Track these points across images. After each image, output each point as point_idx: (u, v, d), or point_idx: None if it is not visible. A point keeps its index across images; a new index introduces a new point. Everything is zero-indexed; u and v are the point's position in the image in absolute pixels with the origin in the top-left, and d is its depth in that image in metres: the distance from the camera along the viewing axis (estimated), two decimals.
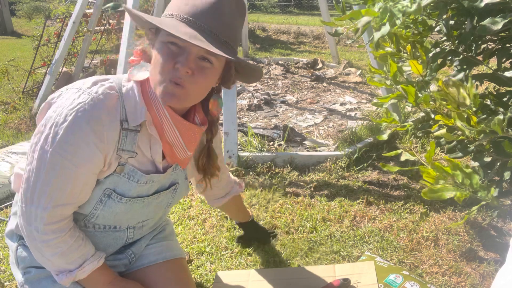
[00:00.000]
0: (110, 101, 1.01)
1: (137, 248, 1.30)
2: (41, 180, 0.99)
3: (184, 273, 1.37)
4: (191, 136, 1.12)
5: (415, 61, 1.31)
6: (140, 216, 1.21)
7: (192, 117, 1.14)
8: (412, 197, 2.19)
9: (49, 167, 0.98)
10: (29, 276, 1.17)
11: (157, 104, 1.05)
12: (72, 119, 0.96)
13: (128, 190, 1.10)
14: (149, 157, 1.12)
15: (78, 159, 0.98)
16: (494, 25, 1.17)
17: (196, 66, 0.99)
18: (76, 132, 0.96)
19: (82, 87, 1.01)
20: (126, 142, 1.05)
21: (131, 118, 1.04)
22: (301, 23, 9.43)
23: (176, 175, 1.23)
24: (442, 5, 1.38)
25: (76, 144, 0.97)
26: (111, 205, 1.10)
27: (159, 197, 1.21)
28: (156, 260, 1.32)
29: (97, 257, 1.13)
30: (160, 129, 1.07)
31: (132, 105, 1.05)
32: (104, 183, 1.07)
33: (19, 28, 9.62)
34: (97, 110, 0.98)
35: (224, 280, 1.51)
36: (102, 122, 0.98)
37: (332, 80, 4.63)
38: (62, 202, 1.02)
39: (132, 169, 1.09)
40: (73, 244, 1.07)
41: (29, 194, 1.01)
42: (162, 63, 0.98)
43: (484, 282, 1.59)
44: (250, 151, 2.62)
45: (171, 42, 0.98)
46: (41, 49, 4.11)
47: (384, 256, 1.72)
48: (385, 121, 1.50)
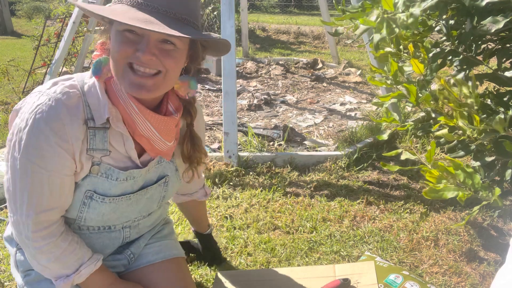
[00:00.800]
0: (70, 100, 0.96)
1: (136, 248, 1.29)
2: (18, 188, 0.97)
3: (183, 272, 1.36)
4: (165, 127, 1.06)
5: (416, 60, 1.30)
6: (132, 213, 1.18)
7: (165, 106, 1.08)
8: (412, 197, 2.19)
9: (21, 173, 0.96)
10: (29, 279, 1.17)
11: (124, 98, 1.00)
12: (32, 122, 0.93)
13: (109, 189, 1.07)
14: (124, 153, 1.07)
15: (46, 162, 0.95)
16: (496, 24, 1.17)
17: (159, 51, 0.93)
18: (37, 134, 0.93)
19: (42, 89, 0.98)
20: (95, 141, 1.01)
21: (97, 115, 1.00)
22: (301, 23, 9.43)
23: (163, 167, 1.19)
24: (442, 5, 1.38)
25: (39, 147, 0.94)
26: (95, 206, 1.07)
27: (148, 192, 1.17)
28: (155, 260, 1.31)
29: (94, 260, 1.11)
30: (132, 123, 1.02)
31: (95, 102, 1.00)
32: (82, 185, 1.04)
33: (19, 28, 9.62)
34: (55, 109, 0.94)
35: (224, 280, 1.50)
36: (62, 121, 0.94)
37: (332, 80, 4.63)
38: (44, 207, 0.99)
39: (108, 167, 1.05)
40: (67, 248, 1.06)
41: (12, 204, 1.00)
42: (120, 49, 0.92)
43: (484, 282, 1.59)
44: (250, 151, 2.61)
45: (127, 30, 0.92)
46: (41, 49, 4.11)
47: (384, 256, 1.72)
48: (385, 120, 1.50)
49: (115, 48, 0.94)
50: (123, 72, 0.95)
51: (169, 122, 1.06)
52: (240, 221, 1.97)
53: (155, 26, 0.86)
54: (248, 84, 4.48)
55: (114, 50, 0.94)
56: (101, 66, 1.00)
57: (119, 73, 0.95)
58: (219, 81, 4.37)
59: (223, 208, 2.08)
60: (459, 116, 1.13)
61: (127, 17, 0.87)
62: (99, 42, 1.03)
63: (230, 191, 2.25)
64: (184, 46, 0.98)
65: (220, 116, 3.32)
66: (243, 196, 2.19)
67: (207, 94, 4.10)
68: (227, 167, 2.45)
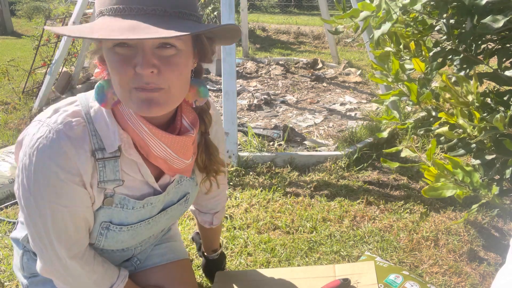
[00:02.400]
0: (73, 130, 0.87)
1: (143, 254, 1.29)
2: (40, 227, 0.91)
3: (188, 275, 1.36)
4: (181, 147, 0.95)
5: (417, 59, 1.30)
6: (150, 232, 1.14)
7: (179, 121, 0.97)
8: (412, 197, 2.18)
9: (40, 213, 0.89)
10: (35, 280, 1.15)
11: (133, 121, 0.89)
12: (36, 159, 0.85)
13: (125, 218, 1.00)
14: (141, 178, 0.99)
15: (63, 199, 0.88)
16: (495, 23, 1.16)
17: (160, 60, 0.80)
18: (44, 172, 0.85)
19: (42, 118, 0.88)
20: (105, 172, 0.91)
21: (107, 143, 0.90)
22: (301, 23, 9.43)
23: (184, 186, 1.12)
24: (443, 4, 1.38)
25: (51, 185, 0.86)
26: (113, 235, 1.02)
27: (168, 213, 1.12)
28: (160, 262, 1.31)
29: (122, 278, 1.09)
30: (145, 146, 0.92)
31: (104, 129, 0.90)
32: (97, 217, 0.97)
33: (19, 28, 9.62)
34: (58, 143, 0.84)
35: (224, 280, 1.50)
36: (67, 155, 0.85)
37: (332, 80, 4.63)
38: (73, 240, 0.95)
39: (123, 197, 0.97)
40: (101, 271, 1.04)
41: (38, 241, 0.94)
42: (119, 73, 0.80)
43: (484, 282, 1.59)
44: (250, 151, 2.61)
45: (117, 45, 0.79)
46: (41, 49, 4.10)
47: (384, 256, 1.71)
48: (385, 118, 1.50)
49: (113, 71, 0.82)
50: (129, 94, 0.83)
51: (185, 141, 0.95)
52: (240, 221, 1.96)
53: (144, 31, 0.73)
54: (248, 84, 4.47)
55: (113, 73, 0.82)
56: (104, 91, 0.89)
57: (125, 97, 0.84)
58: (219, 81, 4.37)
59: None
60: (460, 114, 1.13)
61: (108, 31, 0.74)
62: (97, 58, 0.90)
63: (230, 191, 2.25)
64: (187, 45, 0.85)
65: (220, 116, 3.32)
66: (243, 196, 2.19)
67: None
68: (227, 167, 2.45)
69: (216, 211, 1.36)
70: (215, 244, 1.50)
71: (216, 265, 1.54)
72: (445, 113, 1.16)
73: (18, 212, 2.07)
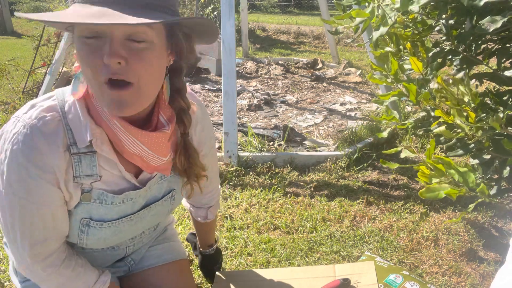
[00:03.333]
0: (47, 126, 0.85)
1: (137, 254, 1.28)
2: (9, 222, 0.91)
3: (186, 275, 1.35)
4: (156, 143, 0.92)
5: (415, 58, 1.30)
6: (136, 230, 1.12)
7: (156, 117, 0.94)
8: (412, 197, 2.18)
9: (10, 208, 0.89)
10: (28, 284, 1.14)
11: (106, 116, 0.87)
12: (10, 154, 0.85)
13: (105, 214, 0.98)
14: (118, 174, 0.96)
15: (33, 196, 0.87)
16: (494, 23, 1.17)
17: (128, 52, 0.77)
18: (16, 168, 0.85)
19: (19, 114, 0.87)
20: (81, 167, 0.90)
21: (79, 139, 0.88)
22: (301, 23, 9.43)
23: (168, 182, 1.09)
24: (442, 4, 1.38)
25: (22, 181, 0.86)
26: (94, 232, 1.00)
27: (152, 210, 1.09)
28: (157, 263, 1.30)
29: (100, 284, 1.06)
30: (118, 142, 0.90)
31: (76, 123, 0.88)
32: (76, 213, 0.96)
33: (19, 28, 9.62)
34: (30, 138, 0.84)
35: (224, 280, 1.50)
36: (39, 151, 0.84)
37: (332, 80, 4.63)
38: (38, 239, 0.92)
39: (101, 192, 0.95)
40: (71, 275, 1.00)
41: (6, 237, 0.94)
42: (88, 64, 0.78)
43: (484, 282, 1.59)
44: (250, 151, 2.61)
45: (87, 36, 0.77)
46: (41, 49, 4.11)
47: (384, 256, 1.71)
48: (385, 118, 1.50)
49: (82, 62, 0.79)
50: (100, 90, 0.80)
51: (160, 138, 0.92)
52: (240, 221, 1.96)
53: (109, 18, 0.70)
54: (248, 84, 4.47)
55: (81, 64, 0.80)
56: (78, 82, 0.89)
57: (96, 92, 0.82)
58: (219, 81, 4.37)
59: (223, 208, 2.08)
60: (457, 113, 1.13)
61: (75, 16, 0.72)
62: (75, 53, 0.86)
63: (230, 191, 2.25)
64: (160, 39, 0.81)
65: (220, 116, 3.32)
66: (243, 196, 2.19)
67: (207, 94, 4.10)
68: (227, 167, 2.45)
69: (210, 205, 1.35)
70: (211, 239, 1.49)
71: (213, 261, 1.53)
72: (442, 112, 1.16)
73: None
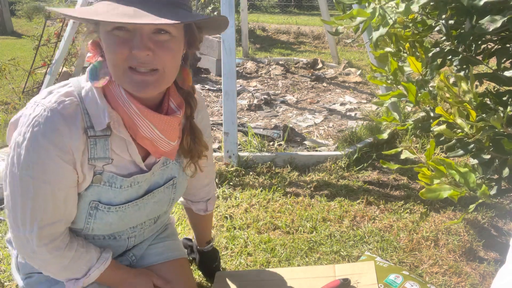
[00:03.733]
0: (67, 109, 0.92)
1: (138, 250, 1.30)
2: (19, 204, 0.94)
3: (186, 273, 1.36)
4: (168, 127, 1.00)
5: (413, 58, 1.30)
6: (140, 218, 1.16)
7: (167, 104, 1.03)
8: (412, 197, 2.19)
9: (22, 190, 0.92)
10: (30, 280, 1.16)
11: (123, 100, 0.95)
12: (30, 136, 0.90)
13: (114, 197, 1.04)
14: (128, 158, 1.03)
15: (48, 176, 0.92)
16: (493, 23, 1.17)
17: (154, 44, 0.87)
18: (36, 149, 0.90)
19: (37, 99, 0.93)
20: (96, 150, 0.96)
21: (96, 122, 0.95)
22: (301, 23, 9.43)
23: (170, 169, 1.16)
24: (442, 4, 1.38)
25: (40, 161, 0.90)
26: (102, 216, 1.05)
27: (155, 196, 1.15)
28: (158, 261, 1.32)
29: (103, 260, 1.10)
30: (133, 126, 0.97)
31: (94, 108, 0.95)
32: (86, 196, 1.01)
33: (19, 28, 9.62)
34: (51, 121, 0.89)
35: (224, 280, 1.50)
36: (60, 132, 0.90)
37: (332, 80, 4.63)
38: (48, 221, 0.97)
39: (111, 175, 1.01)
40: (74, 256, 1.04)
41: (12, 220, 0.97)
42: (116, 52, 0.87)
43: (484, 282, 1.59)
44: (250, 151, 2.61)
45: (116, 28, 0.86)
46: (41, 49, 4.11)
47: (384, 256, 1.71)
48: (385, 119, 1.50)
49: (110, 51, 0.88)
50: (123, 74, 0.90)
51: (172, 122, 1.01)
52: (240, 221, 1.97)
53: (144, 18, 0.81)
54: (248, 84, 4.48)
55: (109, 53, 0.89)
56: (97, 71, 0.95)
57: (119, 76, 0.91)
58: (219, 81, 4.37)
59: (223, 208, 2.08)
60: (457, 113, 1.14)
61: (112, 14, 0.82)
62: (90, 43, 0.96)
63: (230, 191, 2.25)
64: (180, 33, 0.93)
65: (220, 116, 3.32)
66: (243, 196, 2.19)
67: (207, 94, 4.10)
68: (227, 167, 2.45)
69: (208, 198, 1.43)
70: (208, 235, 1.54)
71: (211, 259, 1.56)
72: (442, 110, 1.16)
73: None
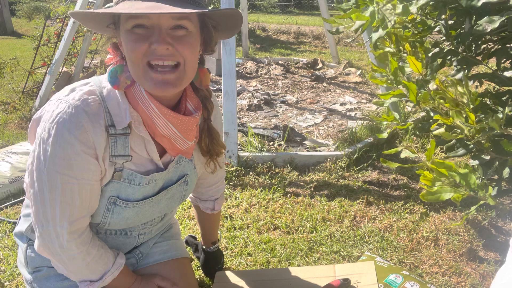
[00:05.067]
0: (90, 107, 0.95)
1: (145, 247, 1.32)
2: (48, 200, 0.96)
3: (188, 272, 1.38)
4: (186, 127, 1.04)
5: (413, 58, 1.30)
6: (152, 214, 1.19)
7: (184, 105, 1.06)
8: (412, 197, 2.19)
9: (50, 186, 0.95)
10: (38, 274, 1.18)
11: (143, 100, 0.98)
12: (55, 132, 0.92)
13: (132, 194, 1.07)
14: (146, 156, 1.07)
15: (75, 171, 0.95)
16: (491, 23, 1.17)
17: (173, 39, 0.91)
18: (62, 144, 0.92)
19: (60, 97, 0.96)
20: (117, 147, 1.00)
21: (117, 121, 0.98)
22: (301, 23, 9.43)
23: (183, 167, 1.19)
24: (441, 5, 1.38)
25: (67, 157, 0.93)
26: (119, 211, 1.08)
27: (169, 193, 1.18)
28: (162, 259, 1.34)
29: (117, 266, 1.13)
30: (152, 125, 1.01)
31: (115, 107, 0.99)
32: (106, 191, 1.04)
33: (19, 28, 9.62)
34: (76, 117, 0.93)
35: (224, 280, 1.50)
36: (84, 128, 0.93)
37: (332, 80, 4.63)
38: (77, 216, 1.00)
39: (131, 173, 1.05)
40: (96, 254, 1.07)
41: (41, 216, 0.98)
42: (134, 49, 0.90)
43: (484, 282, 1.59)
44: (250, 151, 2.61)
45: (136, 26, 0.90)
46: (41, 49, 4.10)
47: (384, 256, 1.71)
48: (385, 118, 1.50)
49: (129, 48, 0.91)
50: (144, 73, 0.92)
51: (190, 122, 1.04)
52: (240, 221, 1.97)
53: (163, 9, 0.85)
54: (248, 84, 4.48)
55: (128, 50, 0.92)
56: (117, 75, 0.98)
57: (139, 75, 0.93)
58: (219, 81, 4.37)
59: (223, 208, 2.08)
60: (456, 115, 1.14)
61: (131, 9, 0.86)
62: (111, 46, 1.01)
63: (230, 191, 2.25)
64: (196, 29, 0.96)
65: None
66: (243, 196, 2.19)
67: None
68: (227, 167, 2.45)
69: (216, 197, 1.45)
70: (214, 236, 1.55)
71: (216, 259, 1.57)
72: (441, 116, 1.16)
73: (18, 213, 2.07)
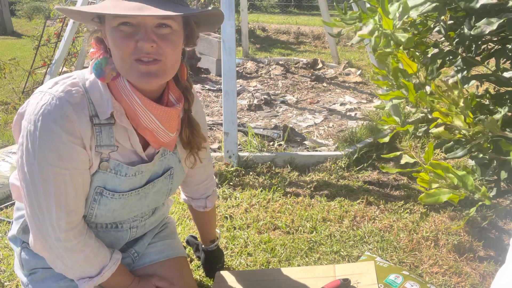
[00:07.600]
0: (74, 98, 0.97)
1: (140, 247, 1.32)
2: (41, 192, 0.96)
3: (185, 272, 1.38)
4: (168, 118, 1.06)
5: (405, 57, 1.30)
6: (141, 207, 1.19)
7: (166, 97, 1.08)
8: (412, 197, 2.19)
9: (42, 178, 0.95)
10: (34, 277, 1.17)
11: (126, 92, 1.00)
12: (41, 124, 0.93)
13: (119, 185, 1.08)
14: (130, 148, 1.08)
15: (65, 161, 0.96)
16: (490, 25, 1.17)
17: (158, 37, 0.94)
18: (49, 135, 0.93)
19: (44, 89, 0.97)
20: (102, 137, 1.01)
21: (100, 111, 1.00)
22: (301, 23, 9.43)
23: (168, 160, 1.20)
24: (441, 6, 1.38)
25: (55, 148, 0.94)
26: (106, 202, 1.08)
27: (155, 186, 1.18)
28: (158, 259, 1.33)
29: (114, 261, 1.13)
30: (134, 117, 1.03)
31: (98, 97, 1.00)
32: (92, 181, 1.05)
33: (19, 28, 9.61)
34: (61, 108, 0.94)
35: (224, 280, 1.51)
36: (69, 118, 0.95)
37: (332, 80, 4.63)
38: (72, 206, 1.00)
39: (117, 163, 1.06)
40: (94, 246, 1.07)
41: (36, 209, 0.98)
42: (122, 47, 0.93)
43: (484, 282, 1.59)
44: (250, 151, 2.62)
45: (122, 23, 0.92)
46: (41, 49, 4.11)
47: (384, 256, 1.72)
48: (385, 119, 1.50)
49: (116, 45, 0.93)
50: (131, 68, 0.95)
51: (172, 113, 1.06)
52: (240, 221, 1.97)
53: (148, 11, 0.87)
54: (248, 84, 4.48)
55: (116, 47, 0.94)
56: (103, 68, 0.99)
57: (127, 70, 0.95)
58: (219, 81, 4.37)
59: (223, 208, 2.08)
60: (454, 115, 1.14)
61: (121, 8, 0.88)
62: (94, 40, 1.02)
63: (230, 191, 2.26)
64: (180, 27, 0.99)
65: (220, 116, 3.32)
66: (243, 196, 2.19)
67: (207, 94, 4.10)
68: (227, 167, 2.45)
69: (208, 195, 1.45)
70: (212, 234, 1.56)
71: (216, 258, 1.58)
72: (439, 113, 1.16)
73: None
